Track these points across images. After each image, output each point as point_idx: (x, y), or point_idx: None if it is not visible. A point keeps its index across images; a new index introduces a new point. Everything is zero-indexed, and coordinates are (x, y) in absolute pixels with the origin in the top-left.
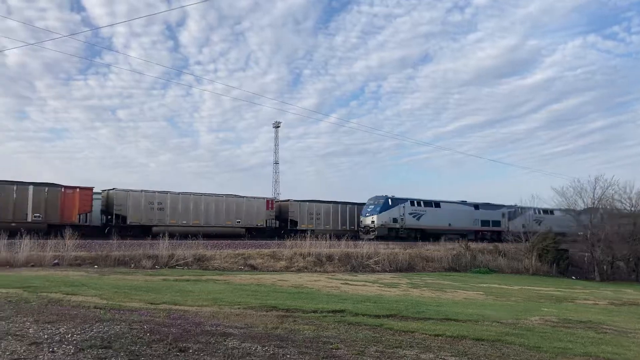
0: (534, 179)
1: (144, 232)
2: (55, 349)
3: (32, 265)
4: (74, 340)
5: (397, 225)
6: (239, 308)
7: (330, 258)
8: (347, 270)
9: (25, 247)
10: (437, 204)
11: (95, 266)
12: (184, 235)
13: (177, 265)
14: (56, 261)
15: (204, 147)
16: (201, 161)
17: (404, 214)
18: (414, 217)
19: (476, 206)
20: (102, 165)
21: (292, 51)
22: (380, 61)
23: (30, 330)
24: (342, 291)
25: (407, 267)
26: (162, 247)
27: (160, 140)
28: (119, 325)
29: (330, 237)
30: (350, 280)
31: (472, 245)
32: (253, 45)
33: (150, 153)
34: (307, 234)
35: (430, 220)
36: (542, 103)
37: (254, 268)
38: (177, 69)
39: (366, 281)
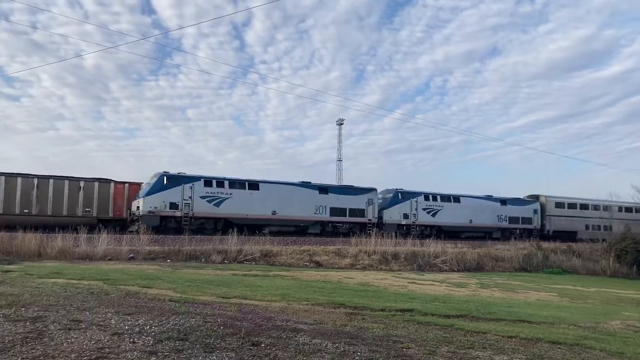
0: (610, 176)
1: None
2: (135, 339)
3: (110, 259)
4: (152, 331)
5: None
6: (307, 304)
7: (395, 256)
8: (413, 269)
9: (103, 241)
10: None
11: (168, 260)
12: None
13: (245, 260)
14: (131, 255)
15: (269, 145)
16: (266, 159)
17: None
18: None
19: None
20: (172, 163)
21: (356, 47)
22: (446, 55)
23: (112, 321)
24: (409, 290)
25: (476, 267)
26: (231, 243)
27: (228, 139)
28: (193, 318)
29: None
30: (417, 279)
31: (545, 244)
32: (317, 42)
33: (218, 151)
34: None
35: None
36: (619, 96)
37: (319, 265)
38: (243, 68)
39: (434, 280)
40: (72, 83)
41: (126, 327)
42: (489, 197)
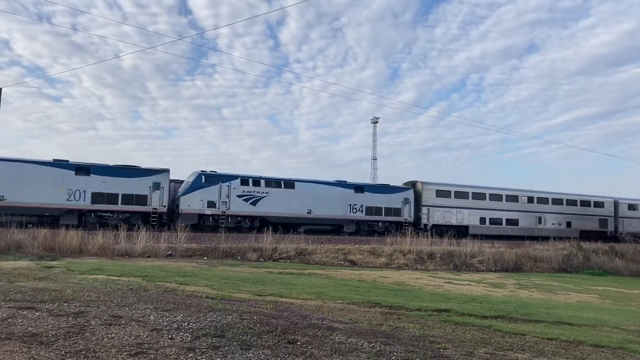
0: None
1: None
2: (173, 335)
3: (148, 256)
4: (190, 328)
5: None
6: (342, 303)
7: (431, 256)
8: (449, 268)
9: (142, 238)
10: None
11: (205, 258)
12: None
13: (280, 258)
14: (169, 252)
15: (303, 144)
16: (300, 157)
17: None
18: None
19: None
20: (209, 162)
21: (390, 45)
22: (483, 52)
23: (151, 317)
24: (445, 290)
25: (514, 267)
26: (266, 241)
27: (262, 138)
28: (230, 315)
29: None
30: (454, 279)
31: (585, 245)
32: (351, 41)
33: (253, 150)
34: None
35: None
36: None
37: (354, 263)
38: (278, 67)
39: (470, 280)
40: (111, 83)
41: (164, 323)
42: (340, 183)
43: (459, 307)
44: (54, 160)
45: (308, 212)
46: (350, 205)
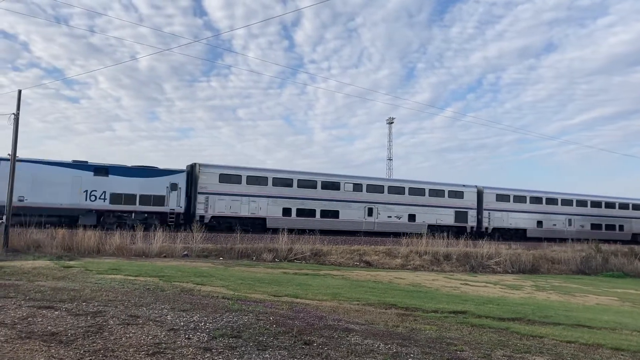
0: None
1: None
2: (190, 335)
3: (164, 256)
4: (207, 328)
5: None
6: (358, 304)
7: (447, 257)
8: (465, 270)
9: (159, 239)
10: None
11: (221, 258)
12: None
13: (296, 259)
14: (185, 252)
15: (318, 144)
16: (315, 158)
17: None
18: None
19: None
20: (224, 162)
21: (406, 45)
22: (499, 52)
23: (168, 317)
24: (462, 292)
25: (531, 269)
26: (282, 241)
27: (277, 138)
28: (246, 315)
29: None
30: (470, 281)
31: (604, 247)
32: (366, 41)
33: (268, 150)
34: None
35: None
36: None
37: (369, 264)
38: (293, 68)
39: (487, 282)
40: (128, 84)
41: (181, 323)
42: (74, 164)
43: (475, 309)
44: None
45: (20, 200)
46: (87, 191)
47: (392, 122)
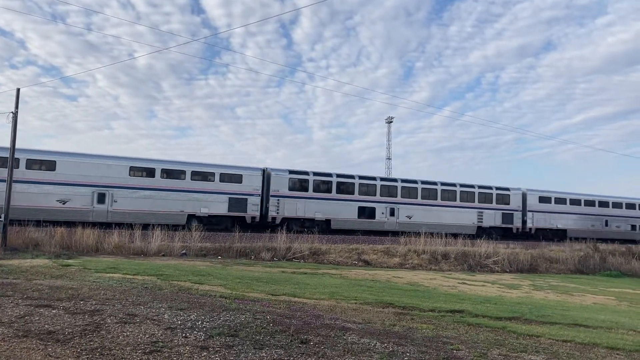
0: None
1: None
2: (187, 334)
3: (163, 255)
4: (204, 327)
5: None
6: (355, 303)
7: (445, 256)
8: (463, 269)
9: (157, 237)
10: None
11: (219, 257)
12: None
13: (294, 258)
14: (184, 251)
15: (317, 143)
16: (314, 157)
17: None
18: None
19: None
20: (224, 161)
21: (404, 44)
22: (498, 50)
23: (165, 316)
24: (459, 291)
25: (529, 268)
26: (280, 240)
27: (276, 137)
28: (244, 314)
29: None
30: (468, 280)
31: (602, 246)
32: (364, 39)
33: (267, 149)
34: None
35: None
36: None
37: (367, 263)
38: (291, 67)
39: (485, 281)
40: (126, 83)
41: (179, 322)
42: None
43: (472, 308)
44: None
45: None
46: None
47: (391, 122)
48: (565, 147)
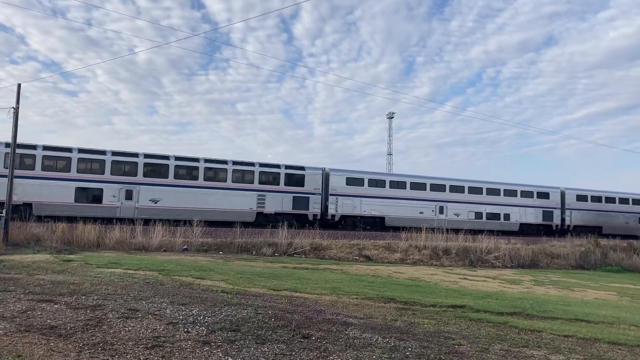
0: None
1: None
2: (189, 329)
3: (164, 250)
4: (206, 322)
5: None
6: (356, 298)
7: (447, 252)
8: (465, 264)
9: (158, 233)
10: None
11: (220, 252)
12: None
13: (295, 253)
14: (185, 247)
15: (317, 139)
16: (315, 152)
17: None
18: None
19: None
20: (224, 156)
21: (405, 39)
22: (499, 45)
23: (167, 311)
24: (461, 286)
25: (530, 264)
26: (282, 236)
27: (277, 132)
28: (245, 309)
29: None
30: (469, 275)
31: (603, 241)
32: (365, 34)
33: (268, 144)
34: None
35: None
36: None
37: (369, 259)
38: (292, 62)
39: (486, 277)
40: (126, 78)
41: (180, 317)
42: None
43: (474, 303)
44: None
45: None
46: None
47: (392, 117)
48: (567, 142)
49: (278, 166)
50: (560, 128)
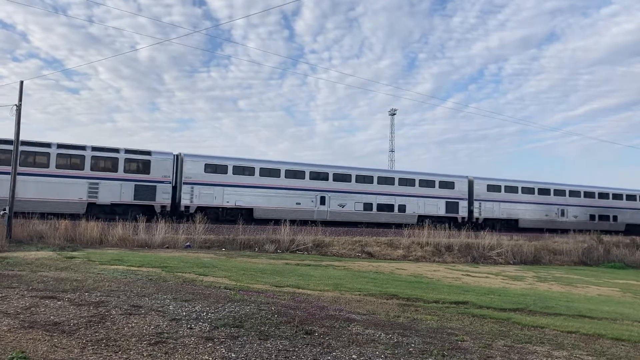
0: None
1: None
2: (192, 325)
3: (167, 247)
4: (209, 318)
5: None
6: (359, 294)
7: (449, 248)
8: (467, 261)
9: (161, 230)
10: None
11: (223, 249)
12: None
13: (298, 250)
14: (188, 244)
15: (319, 136)
16: (317, 149)
17: None
18: None
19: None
20: (226, 154)
21: (407, 35)
22: (501, 42)
23: (170, 307)
24: (463, 282)
25: (533, 260)
26: (284, 232)
27: (279, 129)
28: (248, 306)
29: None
30: (472, 272)
31: (606, 238)
32: (367, 30)
33: (269, 142)
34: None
35: None
36: None
37: (371, 255)
38: (293, 59)
39: (489, 273)
40: (128, 75)
41: (183, 313)
42: None
43: (477, 300)
44: None
45: None
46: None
47: (394, 114)
48: (569, 138)
49: (117, 150)
50: (562, 125)
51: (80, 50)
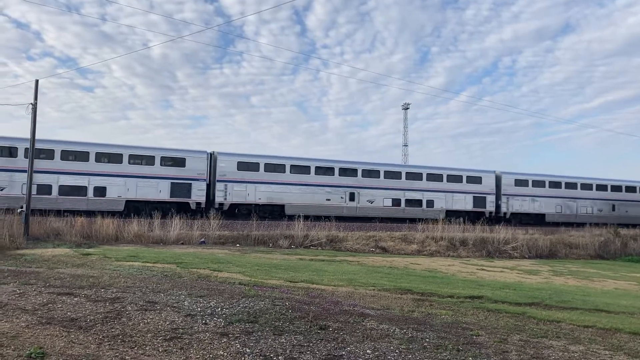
0: None
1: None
2: (207, 321)
3: (182, 243)
4: (224, 314)
5: None
6: (373, 289)
7: (464, 242)
8: (482, 255)
9: (176, 226)
10: None
11: (237, 245)
12: None
13: (312, 245)
14: (202, 240)
15: (332, 131)
16: (330, 144)
17: None
18: None
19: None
20: (239, 150)
21: (419, 28)
22: (515, 34)
23: (185, 303)
24: (478, 277)
25: (548, 254)
26: (298, 228)
27: (291, 125)
28: (263, 301)
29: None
30: (487, 266)
31: (623, 231)
32: (379, 25)
33: (282, 137)
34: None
35: None
36: None
37: (385, 250)
38: (305, 54)
39: (504, 267)
40: (141, 73)
41: (198, 309)
42: None
43: (492, 294)
44: None
45: None
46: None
47: (407, 108)
48: (585, 131)
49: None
50: (578, 117)
51: (94, 49)
